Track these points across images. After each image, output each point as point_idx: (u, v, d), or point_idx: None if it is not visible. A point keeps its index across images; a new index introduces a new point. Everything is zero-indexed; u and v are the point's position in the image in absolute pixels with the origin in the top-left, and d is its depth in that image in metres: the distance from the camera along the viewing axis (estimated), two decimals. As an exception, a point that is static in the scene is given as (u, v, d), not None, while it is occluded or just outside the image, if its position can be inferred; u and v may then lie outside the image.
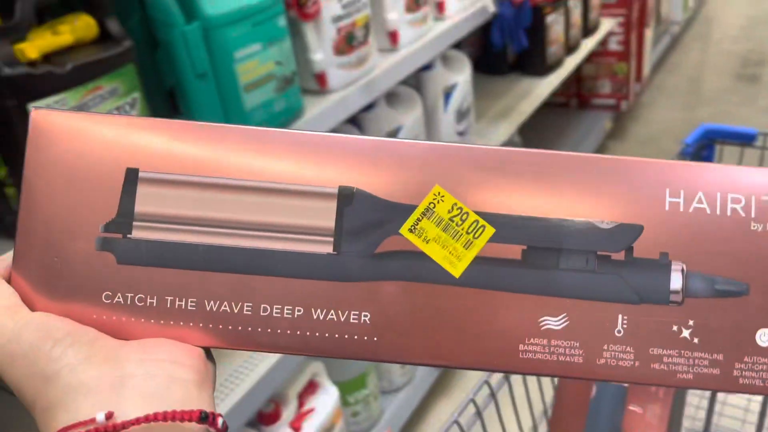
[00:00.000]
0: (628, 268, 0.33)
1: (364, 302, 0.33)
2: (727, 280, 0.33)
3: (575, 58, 2.12)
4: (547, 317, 0.33)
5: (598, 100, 2.59)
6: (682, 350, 0.33)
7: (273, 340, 0.33)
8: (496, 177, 0.33)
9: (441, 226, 0.33)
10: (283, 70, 0.98)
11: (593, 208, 0.33)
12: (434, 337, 0.33)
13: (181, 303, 0.33)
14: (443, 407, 1.57)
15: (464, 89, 1.54)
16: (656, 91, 3.06)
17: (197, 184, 0.33)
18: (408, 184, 0.33)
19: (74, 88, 0.72)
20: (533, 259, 0.33)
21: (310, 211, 0.33)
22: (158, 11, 0.86)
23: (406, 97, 1.42)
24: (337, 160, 0.33)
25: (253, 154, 0.33)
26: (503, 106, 1.87)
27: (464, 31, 1.47)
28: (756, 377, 0.33)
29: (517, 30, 1.68)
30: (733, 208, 0.33)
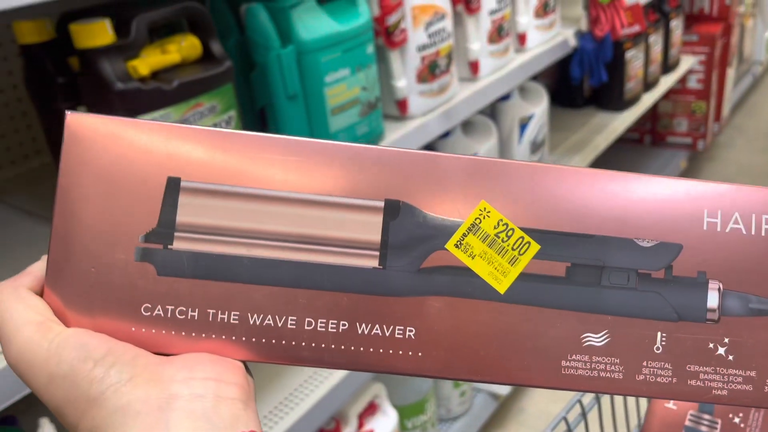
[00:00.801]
0: (668, 286, 0.33)
1: (410, 317, 0.33)
2: (762, 299, 0.33)
3: (653, 95, 2.09)
4: (589, 334, 0.33)
5: (674, 138, 2.53)
6: (718, 367, 0.33)
7: (317, 354, 0.32)
8: (538, 192, 0.34)
9: (487, 241, 0.33)
10: (368, 96, 1.00)
11: (634, 226, 0.34)
12: (478, 352, 0.33)
13: (223, 316, 0.32)
14: (499, 440, 1.55)
15: (540, 121, 1.54)
16: (735, 132, 2.97)
17: (240, 195, 0.32)
18: (452, 199, 0.33)
19: (178, 104, 0.76)
20: (577, 276, 0.33)
21: (355, 224, 0.33)
22: (256, 34, 0.90)
23: (482, 126, 1.43)
24: (381, 172, 0.33)
25: (296, 164, 0.33)
26: (577, 140, 1.85)
27: (544, 64, 1.47)
28: None
29: (597, 64, 1.67)
30: (767, 228, 0.34)
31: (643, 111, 2.03)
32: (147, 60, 0.75)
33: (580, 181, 0.34)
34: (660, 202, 0.34)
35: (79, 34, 0.71)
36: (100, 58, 0.71)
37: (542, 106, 1.55)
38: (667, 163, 2.45)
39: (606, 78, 1.73)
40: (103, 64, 0.71)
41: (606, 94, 1.98)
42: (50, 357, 0.29)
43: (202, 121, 0.78)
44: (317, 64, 0.92)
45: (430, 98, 1.16)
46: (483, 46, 1.28)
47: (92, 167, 0.32)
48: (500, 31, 1.31)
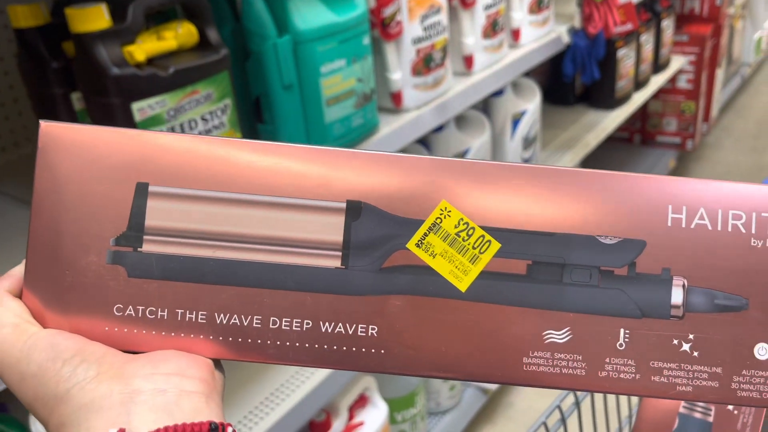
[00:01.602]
0: (631, 283, 0.33)
1: (372, 316, 0.33)
2: (727, 295, 0.33)
3: (643, 94, 2.10)
4: (550, 331, 0.33)
5: (663, 137, 2.55)
6: (682, 363, 0.33)
7: (282, 352, 0.33)
8: (501, 192, 0.34)
9: (448, 240, 0.34)
10: (363, 87, 1.00)
11: (597, 223, 0.34)
12: (440, 349, 0.33)
13: (191, 316, 0.33)
14: (487, 434, 1.55)
15: (533, 117, 1.54)
16: (723, 132, 3.00)
17: (206, 198, 0.33)
18: (415, 199, 0.34)
19: (173, 91, 0.75)
20: (538, 274, 0.34)
21: (318, 225, 0.34)
22: (252, 23, 0.90)
23: (476, 120, 1.43)
24: (343, 173, 0.34)
25: (263, 168, 0.33)
26: (568, 137, 1.86)
27: (537, 60, 1.48)
28: (753, 390, 0.33)
29: (589, 61, 1.68)
30: (734, 224, 0.34)
31: (633, 110, 2.05)
32: (143, 46, 0.74)
33: (542, 180, 0.34)
34: (623, 199, 0.34)
35: (74, 18, 0.71)
36: (95, 43, 0.71)
37: (535, 102, 1.56)
38: (656, 163, 2.47)
39: (598, 75, 1.74)
40: (99, 49, 0.71)
41: (597, 92, 1.99)
42: (22, 357, 0.30)
43: (199, 108, 0.78)
44: (313, 54, 0.91)
45: (424, 91, 1.16)
46: (477, 41, 1.29)
47: (65, 174, 0.33)
48: (495, 26, 1.31)
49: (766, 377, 0.33)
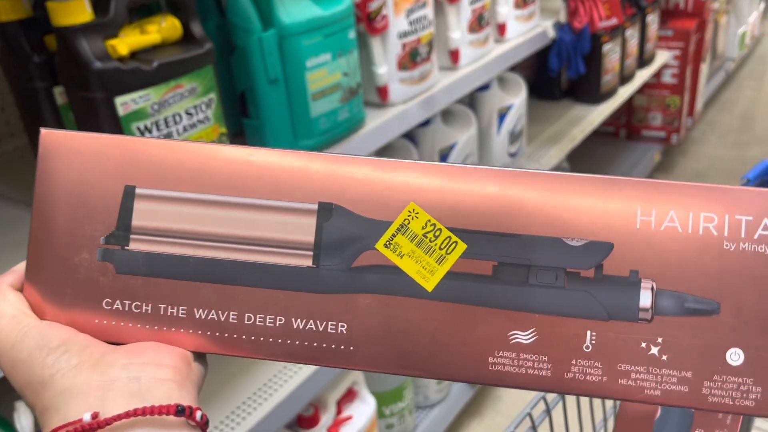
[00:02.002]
0: (598, 285, 0.33)
1: (341, 313, 0.35)
2: (698, 299, 0.33)
3: (629, 88, 2.11)
4: (516, 331, 0.34)
5: (648, 132, 2.57)
6: (650, 367, 0.33)
7: (256, 346, 0.35)
8: (468, 194, 0.34)
9: (415, 241, 0.34)
10: (349, 82, 1.00)
11: (564, 225, 0.34)
12: (406, 347, 0.34)
13: (173, 310, 0.35)
14: (475, 428, 1.56)
15: (519, 111, 1.55)
16: (707, 126, 3.02)
17: (188, 200, 0.35)
18: (384, 201, 0.35)
19: (157, 85, 0.75)
20: (503, 275, 0.34)
21: (291, 226, 0.35)
22: (237, 17, 0.89)
23: (462, 115, 1.44)
24: (318, 177, 0.35)
25: (241, 171, 0.35)
26: (554, 131, 1.87)
27: (523, 54, 1.48)
28: (725, 396, 0.33)
29: (575, 56, 1.68)
30: (706, 227, 0.33)
31: (619, 104, 2.06)
32: (126, 40, 0.74)
33: (509, 182, 0.34)
34: (591, 201, 0.34)
35: (56, 11, 0.70)
36: (77, 37, 0.70)
37: (521, 97, 1.56)
38: (641, 157, 2.48)
39: (584, 70, 1.75)
40: (81, 43, 0.70)
41: (583, 87, 2.00)
42: (15, 344, 0.33)
43: (183, 102, 0.78)
44: (298, 48, 0.91)
45: (410, 86, 1.16)
46: (463, 35, 1.29)
47: (62, 178, 0.36)
48: (480, 20, 1.32)
49: (738, 383, 0.33)
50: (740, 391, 0.33)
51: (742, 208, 0.33)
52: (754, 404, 0.32)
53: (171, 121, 0.77)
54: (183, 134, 0.78)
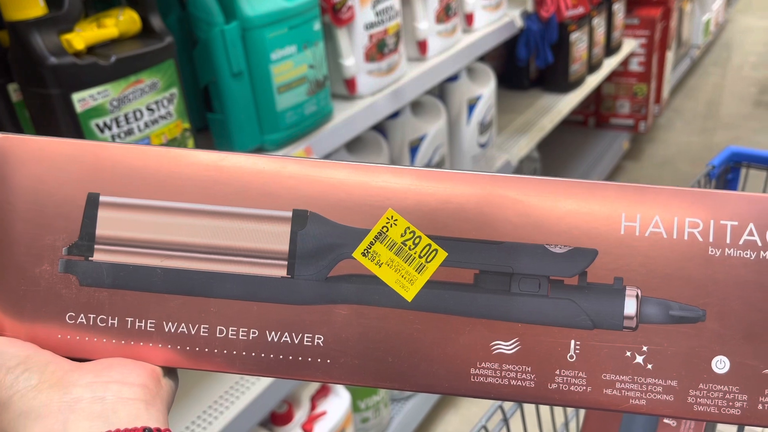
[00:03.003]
0: (582, 293, 0.33)
1: (318, 325, 0.33)
2: (683, 306, 0.32)
3: (597, 77, 2.13)
4: (498, 341, 0.33)
5: (617, 119, 2.59)
6: (635, 376, 0.32)
7: (229, 360, 0.34)
8: (448, 200, 0.33)
9: (394, 249, 0.33)
10: (316, 74, 0.99)
11: (547, 231, 0.33)
12: (386, 359, 0.33)
13: (141, 324, 0.34)
14: (451, 419, 1.57)
15: (488, 102, 1.55)
16: (674, 113, 3.06)
17: (155, 208, 0.34)
18: (362, 208, 0.33)
19: (116, 81, 0.73)
20: (485, 284, 0.33)
21: (264, 234, 0.34)
22: (198, 9, 0.87)
23: (431, 106, 1.43)
24: (289, 183, 0.34)
25: (210, 177, 0.34)
26: (524, 121, 1.88)
27: (491, 44, 1.48)
28: (711, 405, 0.32)
29: (543, 45, 1.69)
30: (691, 232, 0.33)
31: (587, 93, 2.07)
32: (82, 34, 0.71)
33: (491, 187, 0.33)
34: (575, 207, 0.33)
35: (8, 5, 0.68)
36: (31, 31, 0.68)
37: (490, 87, 1.56)
38: (610, 145, 2.51)
39: (552, 59, 1.75)
40: (35, 38, 0.68)
41: (552, 76, 2.01)
42: None
43: (144, 98, 0.76)
44: (263, 40, 0.89)
45: (378, 77, 1.15)
46: (431, 26, 1.28)
47: (21, 185, 0.34)
48: (448, 10, 1.31)
49: (724, 392, 0.32)
50: (726, 400, 0.32)
51: (728, 213, 0.32)
52: (740, 413, 0.32)
53: (131, 118, 0.75)
54: (144, 130, 0.77)
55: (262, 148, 0.97)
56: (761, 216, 0.32)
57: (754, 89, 3.24)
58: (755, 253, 0.32)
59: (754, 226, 0.32)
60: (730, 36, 4.05)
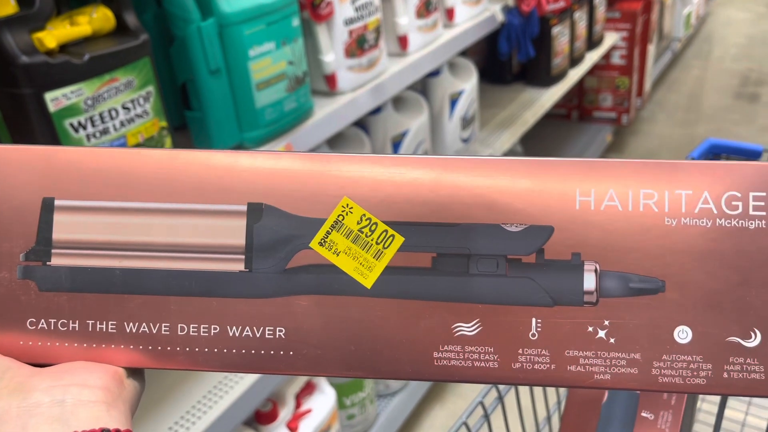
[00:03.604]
0: (540, 270, 0.33)
1: (278, 317, 0.33)
2: (642, 278, 0.32)
3: (579, 71, 2.14)
4: (459, 323, 0.33)
5: (599, 113, 2.60)
6: (599, 351, 0.32)
7: (192, 358, 0.34)
8: (403, 185, 0.33)
9: (351, 237, 0.33)
10: (295, 70, 0.98)
11: (502, 210, 0.33)
12: (348, 348, 0.33)
13: (102, 326, 0.34)
14: (438, 413, 1.57)
15: (470, 96, 1.55)
16: (656, 106, 3.08)
17: (110, 210, 0.34)
18: (316, 197, 0.33)
19: (90, 79, 0.72)
20: (443, 266, 0.33)
21: (220, 229, 0.34)
22: (174, 6, 0.86)
23: (413, 102, 1.43)
24: (245, 176, 0.34)
25: (164, 175, 0.34)
26: (507, 115, 1.88)
27: (472, 39, 1.48)
28: (676, 375, 0.32)
29: (524, 39, 1.69)
30: (646, 203, 0.33)
31: (569, 86, 2.08)
32: (54, 32, 0.70)
33: (443, 170, 0.33)
34: (529, 185, 0.33)
35: (-23, 3, 0.66)
36: (1, 30, 0.67)
37: (472, 81, 1.56)
38: (593, 138, 2.52)
39: (533, 53, 1.76)
40: (6, 37, 0.67)
41: (534, 70, 2.01)
42: None
43: (119, 97, 0.75)
44: (240, 37, 0.89)
45: (359, 73, 1.15)
46: (411, 21, 1.28)
47: None
48: (428, 5, 1.30)
49: (688, 361, 0.32)
50: (690, 370, 0.32)
51: (681, 182, 0.32)
52: (705, 382, 0.32)
53: (107, 117, 0.74)
54: (120, 129, 0.76)
55: (242, 146, 0.96)
56: (714, 183, 0.32)
57: (735, 81, 3.27)
58: (711, 221, 0.32)
59: (709, 193, 0.32)
60: (711, 29, 4.08)
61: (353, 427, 1.35)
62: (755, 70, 3.37)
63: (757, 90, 3.15)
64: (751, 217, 0.32)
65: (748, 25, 4.05)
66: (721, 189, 0.32)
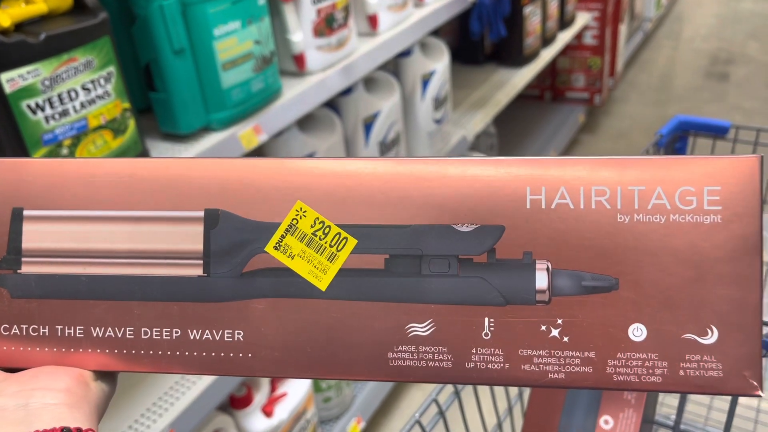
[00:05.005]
0: (491, 270, 0.33)
1: (237, 321, 0.34)
2: (595, 276, 0.32)
3: (551, 51, 2.14)
4: (413, 324, 0.33)
5: (572, 93, 2.61)
6: (552, 350, 0.32)
7: (155, 360, 0.35)
8: (354, 188, 0.34)
9: (305, 241, 0.34)
10: (262, 50, 0.96)
11: (453, 211, 0.33)
12: (305, 350, 0.34)
13: (70, 331, 0.35)
14: (414, 393, 1.58)
15: (442, 77, 1.54)
16: (628, 86, 3.10)
17: (75, 218, 0.35)
18: (271, 202, 0.34)
19: (48, 59, 0.69)
20: (396, 267, 0.33)
21: (179, 235, 0.35)
22: (135, -16, 0.84)
23: (385, 82, 1.41)
24: (202, 183, 0.34)
25: (125, 184, 0.35)
26: (479, 96, 1.87)
27: (443, 18, 1.47)
28: (631, 374, 0.32)
29: (495, 18, 1.68)
30: (598, 200, 0.32)
31: (542, 66, 2.08)
32: (9, 11, 0.68)
33: (394, 171, 0.33)
34: (479, 185, 0.33)
35: (-76, -20, 0.64)
36: (-49, 8, 0.64)
37: (444, 62, 1.55)
38: (566, 119, 2.53)
39: (504, 32, 1.75)
40: (-44, 15, 0.64)
41: (506, 50, 2.01)
42: None
43: (78, 77, 0.73)
44: (204, 16, 0.87)
45: (328, 53, 1.13)
46: (381, 0, 1.26)
47: None
48: (398, -16, 1.29)
49: (643, 359, 0.32)
50: (645, 368, 0.32)
51: (634, 178, 0.32)
52: (660, 380, 0.32)
53: (66, 98, 0.72)
54: (81, 111, 0.74)
55: (209, 128, 0.94)
56: (668, 178, 0.32)
57: (705, 61, 3.30)
58: (664, 217, 0.32)
59: (662, 189, 0.32)
60: (681, 9, 4.11)
61: (329, 410, 1.35)
62: (725, 49, 3.41)
63: (727, 69, 3.18)
64: (705, 212, 0.32)
65: (718, 5, 4.09)
66: (674, 184, 0.32)
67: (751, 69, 3.15)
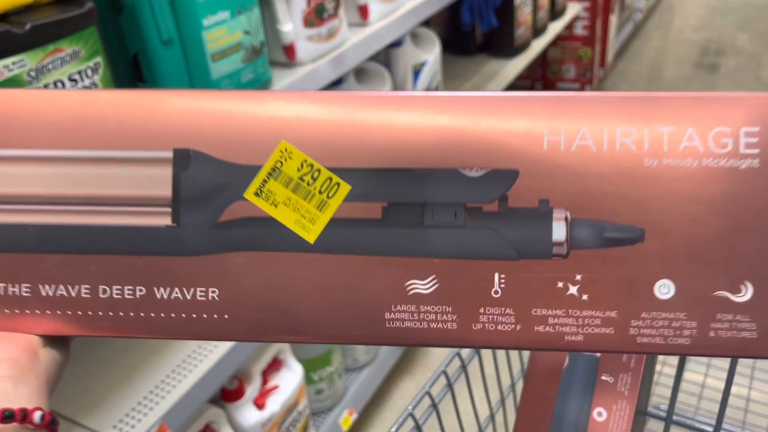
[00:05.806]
0: (503, 220, 0.29)
1: (211, 277, 0.30)
2: (618, 226, 0.28)
3: (542, 41, 2.13)
4: (414, 280, 0.29)
5: (563, 84, 2.61)
6: (570, 309, 0.29)
7: (116, 323, 0.30)
8: (338, 126, 0.29)
9: (290, 186, 0.30)
10: (252, 40, 0.95)
11: (460, 153, 0.29)
12: (291, 310, 0.30)
13: (14, 289, 0.30)
14: (406, 385, 1.58)
15: (433, 67, 1.53)
16: (618, 77, 3.11)
17: (18, 159, 0.30)
18: (251, 142, 0.29)
19: (33, 50, 0.68)
20: (394, 217, 0.29)
21: (143, 179, 0.30)
22: (122, -27, 0.83)
23: (376, 73, 1.41)
24: (169, 119, 0.30)
25: (82, 119, 0.30)
26: (470, 87, 1.87)
27: (434, 8, 1.46)
28: (656, 335, 0.29)
29: (486, 9, 1.67)
30: (623, 142, 0.28)
31: (533, 57, 2.08)
32: (-8, 0, 0.67)
33: (394, 108, 0.29)
34: (490, 123, 0.29)
35: None
36: (-66, -3, 0.63)
37: (435, 52, 1.54)
38: (557, 109, 2.53)
39: (496, 23, 1.75)
40: (-61, 4, 0.63)
41: (497, 41, 2.01)
42: None
43: (65, 68, 0.72)
44: (193, 5, 0.86)
45: (318, 43, 1.12)
46: (371, -10, 1.25)
47: None
48: (388, -26, 1.28)
49: (670, 319, 0.29)
50: (673, 329, 0.29)
51: (664, 118, 0.28)
52: (689, 341, 0.29)
53: (52, 89, 0.71)
54: (68, 102, 0.73)
55: (199, 119, 0.93)
56: (701, 118, 0.28)
57: (695, 52, 3.30)
58: (697, 161, 0.28)
59: (695, 130, 0.28)
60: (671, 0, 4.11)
61: (322, 402, 1.35)
62: (715, 40, 3.42)
63: (717, 60, 3.19)
64: (741, 156, 0.28)
65: (707, -5, 4.10)
66: (708, 124, 0.28)
67: (741, 60, 3.16)
